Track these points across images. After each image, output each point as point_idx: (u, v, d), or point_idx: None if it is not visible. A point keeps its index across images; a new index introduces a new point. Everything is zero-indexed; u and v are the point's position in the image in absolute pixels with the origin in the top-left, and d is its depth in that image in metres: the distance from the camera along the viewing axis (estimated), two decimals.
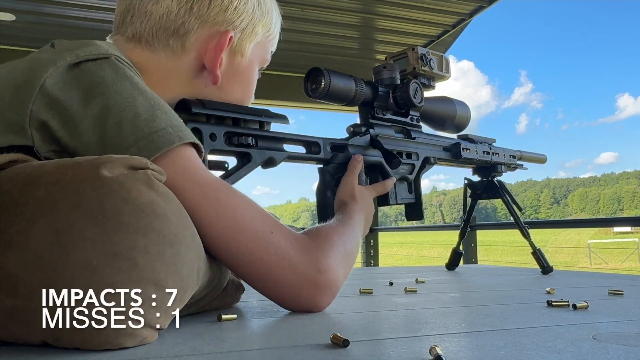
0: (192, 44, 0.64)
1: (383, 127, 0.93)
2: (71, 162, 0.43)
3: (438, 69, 1.01)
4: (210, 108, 0.65)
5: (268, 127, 0.73)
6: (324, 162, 0.82)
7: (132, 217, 0.41)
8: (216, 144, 0.65)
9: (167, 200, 0.44)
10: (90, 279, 0.39)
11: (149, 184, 0.43)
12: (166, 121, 0.51)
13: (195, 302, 0.53)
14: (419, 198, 0.99)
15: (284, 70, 3.58)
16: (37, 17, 2.87)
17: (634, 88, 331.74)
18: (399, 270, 1.50)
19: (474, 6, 2.93)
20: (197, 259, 0.47)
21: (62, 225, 0.39)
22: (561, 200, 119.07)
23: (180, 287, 0.43)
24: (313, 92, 0.83)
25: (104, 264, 0.39)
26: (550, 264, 1.19)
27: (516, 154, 1.30)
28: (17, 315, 0.39)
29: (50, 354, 0.39)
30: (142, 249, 0.40)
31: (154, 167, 0.45)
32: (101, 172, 0.41)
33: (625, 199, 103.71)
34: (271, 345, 0.42)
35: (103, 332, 0.39)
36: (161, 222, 0.42)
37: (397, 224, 64.09)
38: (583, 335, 0.45)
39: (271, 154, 0.72)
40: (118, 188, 0.41)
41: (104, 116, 0.48)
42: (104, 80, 0.50)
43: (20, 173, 0.43)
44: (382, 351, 0.40)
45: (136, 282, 0.40)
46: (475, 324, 0.52)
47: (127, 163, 0.43)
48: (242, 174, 0.69)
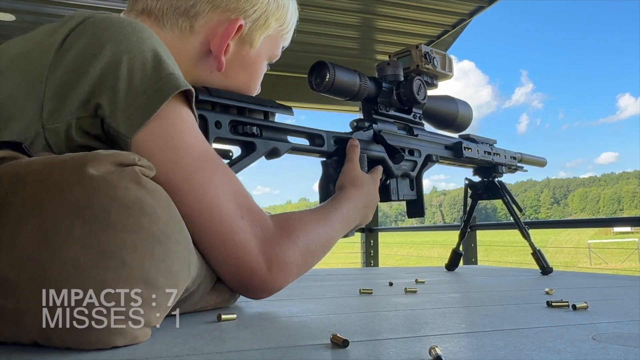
0: (200, 27, 0.64)
1: (386, 123, 0.93)
2: (57, 160, 0.42)
3: (441, 68, 1.01)
4: (216, 96, 0.65)
5: (273, 118, 0.73)
6: (327, 155, 0.83)
7: (119, 215, 0.40)
8: (221, 132, 0.66)
9: (155, 197, 0.44)
10: (79, 278, 0.38)
11: (136, 181, 0.43)
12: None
13: (188, 295, 0.52)
14: (421, 195, 1.00)
15: (284, 70, 3.58)
16: (37, 17, 2.87)
17: (635, 88, 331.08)
18: (399, 270, 1.50)
19: (474, 6, 2.93)
20: (187, 253, 0.47)
21: (49, 224, 0.39)
22: (561, 201, 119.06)
23: (171, 284, 0.43)
24: (317, 86, 0.83)
25: (92, 263, 0.38)
26: (550, 265, 1.20)
27: (517, 156, 1.30)
28: (6, 315, 0.39)
29: (44, 354, 0.39)
30: (131, 247, 0.40)
31: (142, 162, 0.45)
32: (87, 170, 0.41)
33: (625, 199, 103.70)
34: (271, 345, 0.42)
35: (93, 331, 0.39)
36: (149, 219, 0.42)
37: (397, 224, 63.98)
38: (583, 336, 0.45)
39: (275, 145, 0.72)
40: (105, 186, 0.40)
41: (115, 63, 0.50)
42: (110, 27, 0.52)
43: (7, 172, 0.42)
44: (381, 351, 0.40)
45: (125, 281, 0.39)
46: (475, 324, 0.52)
47: (114, 160, 0.42)
48: (246, 163, 0.69)
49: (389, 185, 0.95)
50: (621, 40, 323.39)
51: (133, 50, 0.51)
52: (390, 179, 0.94)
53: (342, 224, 0.70)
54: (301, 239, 0.59)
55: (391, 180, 0.95)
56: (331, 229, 0.66)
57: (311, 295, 0.79)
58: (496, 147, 1.24)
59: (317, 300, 0.73)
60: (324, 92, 0.83)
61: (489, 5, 2.91)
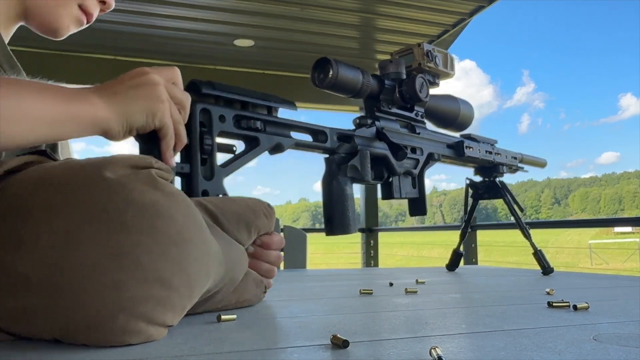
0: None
1: (388, 121, 0.93)
2: (77, 165, 0.44)
3: (443, 66, 1.01)
4: (220, 90, 0.66)
5: (276, 113, 0.74)
6: (330, 151, 0.83)
7: (135, 217, 0.41)
8: (225, 126, 0.66)
9: (172, 200, 0.44)
10: (96, 278, 0.39)
11: (152, 184, 0.43)
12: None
13: (211, 296, 0.54)
14: (423, 193, 1.00)
15: (284, 70, 3.58)
16: None
17: (637, 87, 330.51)
18: (399, 270, 1.50)
19: (474, 6, 2.93)
20: (206, 256, 0.47)
21: (69, 226, 0.40)
22: (562, 201, 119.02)
23: (187, 285, 0.44)
24: (320, 82, 0.83)
25: (109, 264, 0.40)
26: (551, 265, 1.19)
27: (517, 156, 1.30)
28: (28, 313, 0.41)
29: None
30: (146, 249, 0.41)
31: (159, 165, 0.46)
32: (104, 173, 0.42)
33: (626, 199, 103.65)
34: (271, 345, 0.42)
35: (109, 330, 0.40)
36: (164, 222, 0.43)
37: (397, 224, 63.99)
38: (584, 336, 0.45)
39: (279, 140, 0.72)
40: (120, 189, 0.42)
41: None
42: None
43: (31, 176, 0.44)
44: (382, 352, 0.40)
45: (141, 281, 0.41)
46: (475, 324, 0.52)
47: (130, 163, 0.43)
48: (250, 157, 0.70)
49: (392, 182, 0.95)
50: (623, 39, 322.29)
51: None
52: (393, 176, 0.94)
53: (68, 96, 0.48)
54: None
55: (394, 178, 0.95)
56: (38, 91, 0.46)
57: (311, 295, 0.78)
58: (497, 147, 1.24)
59: (317, 300, 0.73)
60: (327, 88, 0.83)
61: (489, 5, 2.91)
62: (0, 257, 0.41)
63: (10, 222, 0.42)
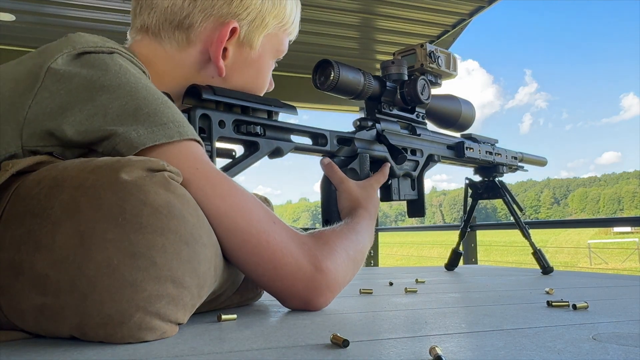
0: (197, 37, 0.65)
1: (389, 123, 0.93)
2: (92, 166, 0.44)
3: (445, 67, 1.01)
4: (220, 95, 0.66)
5: (276, 117, 0.74)
6: (330, 154, 0.82)
7: (150, 218, 0.42)
8: (224, 131, 0.66)
9: (184, 201, 0.46)
10: (112, 278, 0.40)
11: (166, 186, 0.45)
12: (168, 116, 0.51)
13: (215, 297, 0.55)
14: (422, 195, 1.00)
15: (284, 70, 3.58)
16: (37, 17, 2.87)
17: (639, 88, 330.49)
18: (399, 270, 1.50)
19: (474, 6, 2.93)
20: (214, 257, 0.49)
21: (85, 227, 0.41)
22: (561, 200, 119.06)
23: (197, 284, 0.45)
24: (322, 84, 0.83)
25: (125, 263, 0.41)
26: (551, 265, 1.20)
27: (517, 156, 1.30)
28: (47, 312, 0.41)
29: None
30: (160, 248, 0.42)
31: (170, 168, 0.47)
32: (120, 175, 0.43)
33: (625, 199, 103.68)
34: (271, 345, 0.42)
35: (126, 327, 0.41)
36: (178, 222, 0.44)
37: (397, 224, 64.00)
38: (583, 336, 0.45)
39: (279, 144, 0.72)
40: (137, 191, 0.43)
41: (105, 108, 0.49)
42: (107, 72, 0.50)
43: (46, 176, 0.44)
44: (382, 351, 0.40)
45: (155, 280, 0.42)
46: (475, 324, 0.52)
47: (145, 166, 0.44)
48: (250, 162, 0.69)
49: (391, 185, 0.95)
50: (625, 39, 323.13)
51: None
52: (392, 178, 0.94)
53: (368, 232, 0.70)
54: (339, 245, 0.60)
55: (393, 180, 0.95)
56: (361, 236, 0.67)
57: None
58: (498, 147, 1.24)
59: None
60: (328, 90, 0.83)
61: (489, 6, 2.91)
62: (19, 257, 0.42)
63: (27, 223, 0.42)
